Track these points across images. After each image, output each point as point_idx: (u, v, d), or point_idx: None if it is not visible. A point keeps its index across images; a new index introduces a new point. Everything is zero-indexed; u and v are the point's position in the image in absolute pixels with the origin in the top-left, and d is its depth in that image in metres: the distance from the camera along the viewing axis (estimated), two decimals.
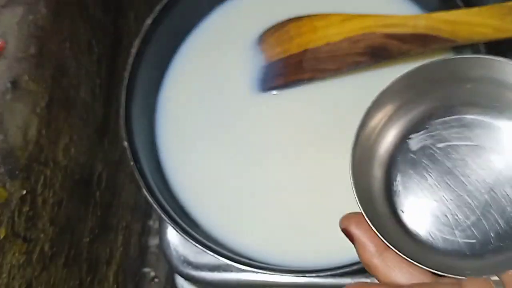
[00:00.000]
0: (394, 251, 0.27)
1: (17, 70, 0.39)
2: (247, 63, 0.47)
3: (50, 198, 0.43)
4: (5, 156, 0.38)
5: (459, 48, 0.43)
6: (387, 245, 0.27)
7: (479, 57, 0.31)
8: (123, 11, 0.58)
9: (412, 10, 0.47)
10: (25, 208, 0.40)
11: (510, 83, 0.30)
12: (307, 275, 0.38)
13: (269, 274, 0.38)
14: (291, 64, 0.45)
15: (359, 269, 0.37)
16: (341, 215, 0.29)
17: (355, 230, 0.28)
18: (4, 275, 0.38)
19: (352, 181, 0.29)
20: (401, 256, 0.27)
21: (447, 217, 0.30)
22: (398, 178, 0.32)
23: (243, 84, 0.46)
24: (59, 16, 0.44)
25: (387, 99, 0.31)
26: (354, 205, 0.28)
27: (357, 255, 0.28)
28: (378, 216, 0.29)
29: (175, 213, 0.41)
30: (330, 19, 0.43)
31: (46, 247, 0.43)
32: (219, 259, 0.38)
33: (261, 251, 0.42)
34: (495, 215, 0.30)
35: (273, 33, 0.46)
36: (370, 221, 0.27)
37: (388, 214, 0.31)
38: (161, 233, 0.48)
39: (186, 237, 0.39)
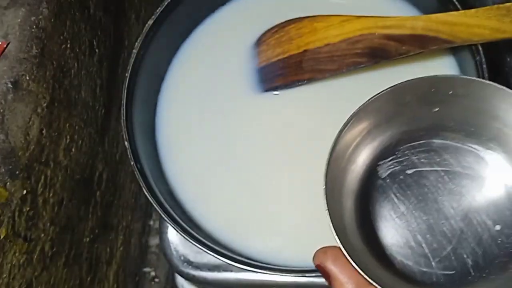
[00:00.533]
0: None
1: (18, 71, 0.39)
2: (247, 64, 0.47)
3: (50, 198, 0.43)
4: (5, 156, 0.38)
5: (457, 49, 0.44)
6: (371, 283, 0.25)
7: (448, 77, 0.29)
8: (124, 12, 0.58)
9: (411, 12, 0.47)
10: (26, 208, 0.40)
11: (477, 105, 0.29)
12: (307, 275, 0.38)
13: (269, 274, 0.38)
14: (291, 65, 0.45)
15: None
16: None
17: (332, 267, 0.26)
18: (5, 275, 0.38)
19: (327, 211, 0.27)
20: None
21: (422, 247, 0.29)
22: (369, 207, 0.30)
23: (244, 85, 0.47)
24: (60, 17, 0.44)
25: (358, 122, 0.30)
26: None
27: None
28: (353, 249, 0.27)
29: (175, 213, 0.41)
30: (330, 20, 0.43)
31: (47, 247, 0.43)
32: (219, 259, 0.38)
33: (261, 251, 0.42)
34: (472, 244, 0.28)
35: (273, 34, 0.46)
36: (349, 256, 0.25)
37: (362, 247, 0.29)
38: (161, 233, 0.48)
39: (186, 237, 0.39)
